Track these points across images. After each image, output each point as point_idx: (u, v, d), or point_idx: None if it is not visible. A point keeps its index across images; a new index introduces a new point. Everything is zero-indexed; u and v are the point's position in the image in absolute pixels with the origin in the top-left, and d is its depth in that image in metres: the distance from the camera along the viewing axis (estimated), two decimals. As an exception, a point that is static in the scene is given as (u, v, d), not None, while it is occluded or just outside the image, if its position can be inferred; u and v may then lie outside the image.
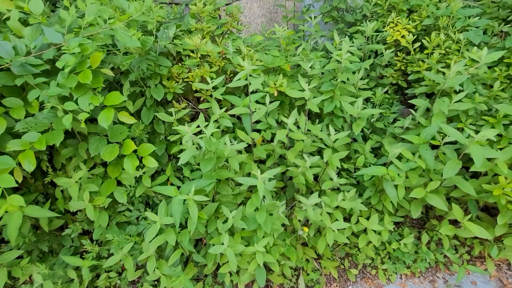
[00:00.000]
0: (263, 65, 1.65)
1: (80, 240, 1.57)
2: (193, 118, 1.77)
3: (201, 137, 1.13)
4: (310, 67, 1.64)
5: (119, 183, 1.46)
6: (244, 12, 2.34)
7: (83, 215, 1.50)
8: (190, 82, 1.53)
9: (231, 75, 1.72)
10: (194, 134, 1.27)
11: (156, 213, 1.20)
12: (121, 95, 1.16)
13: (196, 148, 1.17)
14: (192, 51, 1.54)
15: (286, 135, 1.29)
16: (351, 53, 1.76)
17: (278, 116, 1.72)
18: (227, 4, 2.21)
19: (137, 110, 1.52)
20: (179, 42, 1.52)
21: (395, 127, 1.61)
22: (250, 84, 1.33)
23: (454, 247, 1.65)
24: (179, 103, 1.55)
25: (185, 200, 1.10)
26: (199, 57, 1.51)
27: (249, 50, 1.64)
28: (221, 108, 1.44)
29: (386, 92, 2.04)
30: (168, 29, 1.53)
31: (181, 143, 1.32)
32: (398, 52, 1.96)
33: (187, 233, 1.21)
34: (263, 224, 1.10)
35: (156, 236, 1.20)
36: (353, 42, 1.87)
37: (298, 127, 1.41)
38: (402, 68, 1.98)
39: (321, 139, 1.43)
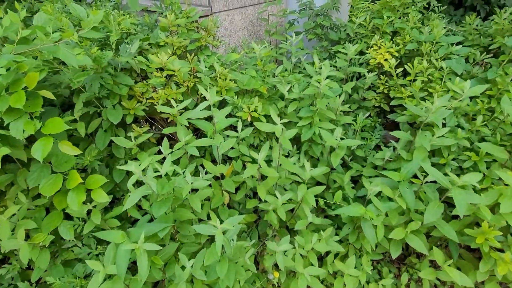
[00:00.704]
0: (237, 86, 1.52)
1: (19, 282, 1.36)
2: (160, 140, 1.60)
3: (155, 176, 0.97)
4: (287, 91, 1.52)
5: (67, 216, 1.27)
6: (221, 26, 2.21)
7: (23, 251, 1.29)
8: (155, 104, 1.37)
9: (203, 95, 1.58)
10: (158, 161, 1.12)
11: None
12: (62, 122, 0.99)
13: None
14: (159, 69, 1.39)
15: (257, 169, 1.16)
16: (333, 76, 1.66)
17: (254, 140, 1.59)
18: (204, 16, 2.07)
19: (92, 132, 1.34)
20: (142, 58, 1.36)
21: (375, 158, 1.51)
22: (213, 116, 1.19)
23: (434, 286, 1.56)
24: (142, 125, 1.39)
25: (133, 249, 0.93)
26: (165, 76, 1.36)
27: (224, 69, 1.51)
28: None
29: (369, 116, 1.96)
30: (131, 43, 1.37)
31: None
32: (381, 75, 1.89)
33: (138, 282, 1.04)
34: (225, 278, 0.95)
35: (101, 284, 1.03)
36: (336, 61, 1.78)
37: (271, 160, 1.28)
38: (385, 91, 1.90)
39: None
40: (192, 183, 1.02)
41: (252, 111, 1.43)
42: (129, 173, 1.46)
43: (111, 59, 1.31)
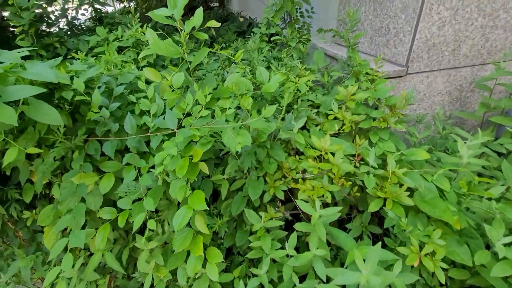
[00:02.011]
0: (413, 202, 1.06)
1: None
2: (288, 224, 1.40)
3: None
4: None
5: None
6: (416, 95, 1.71)
7: None
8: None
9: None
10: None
11: None
12: (203, 196, 0.97)
13: None
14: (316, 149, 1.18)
15: None
16: None
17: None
18: (395, 77, 1.67)
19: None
20: (301, 139, 1.18)
21: None
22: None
23: None
24: (278, 206, 1.24)
25: None
26: (319, 157, 1.12)
27: (398, 168, 1.09)
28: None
29: None
30: (298, 115, 1.23)
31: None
32: None
33: None
34: None
35: None
36: None
37: None
38: None
39: None
40: None
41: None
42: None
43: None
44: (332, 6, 2.76)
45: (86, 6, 2.50)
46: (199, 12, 1.18)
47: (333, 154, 1.09)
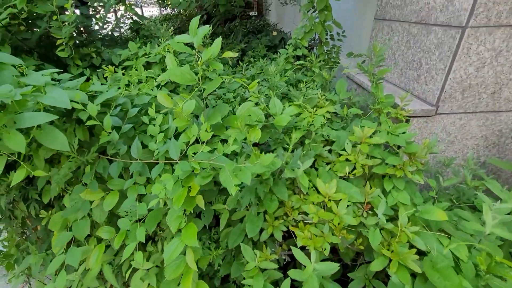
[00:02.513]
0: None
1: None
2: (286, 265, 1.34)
3: None
4: None
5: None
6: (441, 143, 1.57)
7: None
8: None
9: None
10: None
11: None
12: (195, 231, 0.95)
13: None
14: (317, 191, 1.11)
15: None
16: None
17: None
18: (422, 117, 1.54)
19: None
20: (305, 180, 1.12)
21: None
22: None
23: None
24: (276, 246, 1.19)
25: None
26: (321, 206, 1.05)
27: (408, 226, 0.99)
28: None
29: None
30: (308, 153, 1.18)
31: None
32: None
33: None
34: None
35: None
36: None
37: None
38: None
39: None
40: None
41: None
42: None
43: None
44: (365, 31, 2.66)
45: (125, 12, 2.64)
46: (217, 42, 1.18)
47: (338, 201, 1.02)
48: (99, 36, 2.44)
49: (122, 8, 2.66)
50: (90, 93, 1.21)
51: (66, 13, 1.69)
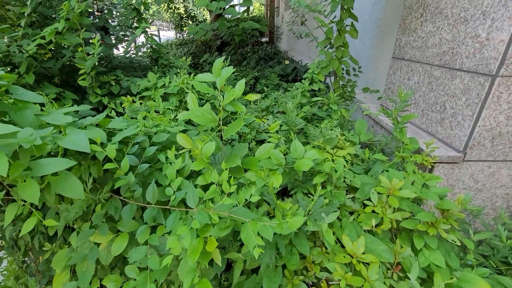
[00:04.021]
0: None
1: None
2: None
3: None
4: None
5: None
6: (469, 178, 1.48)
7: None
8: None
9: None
10: None
11: None
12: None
13: None
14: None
15: None
16: None
17: None
18: (448, 163, 1.46)
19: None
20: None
21: None
22: None
23: None
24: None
25: None
26: (348, 266, 0.95)
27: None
28: None
29: None
30: (330, 204, 1.10)
31: None
32: None
33: None
34: None
35: None
36: None
37: None
38: None
39: None
40: None
41: None
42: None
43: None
44: (381, 66, 2.66)
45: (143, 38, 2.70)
46: (241, 84, 1.16)
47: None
48: (119, 63, 2.49)
49: (141, 35, 2.74)
50: (109, 129, 1.18)
51: (91, 44, 1.72)
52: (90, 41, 1.66)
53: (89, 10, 2.00)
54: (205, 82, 1.26)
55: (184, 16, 8.40)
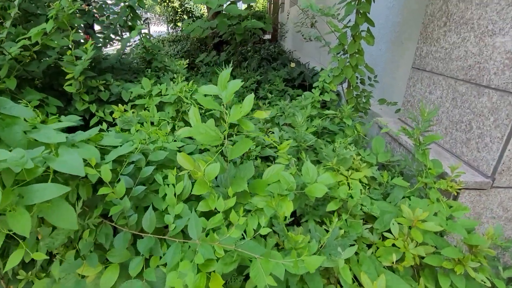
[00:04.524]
0: None
1: None
2: None
3: None
4: None
5: None
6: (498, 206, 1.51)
7: None
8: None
9: None
10: None
11: None
12: None
13: None
14: None
15: None
16: None
17: None
18: (475, 189, 1.48)
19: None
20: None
21: None
22: None
23: None
24: None
25: None
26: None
27: None
28: None
29: None
30: (346, 237, 1.11)
31: None
32: None
33: None
34: None
35: None
36: None
37: None
38: None
39: None
40: None
41: None
42: None
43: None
44: (399, 76, 2.72)
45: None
46: (250, 99, 1.19)
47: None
48: (109, 65, 2.52)
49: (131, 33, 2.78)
50: (101, 146, 1.19)
51: (80, 46, 1.76)
52: (84, 46, 1.69)
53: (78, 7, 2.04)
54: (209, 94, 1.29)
55: (179, 10, 8.52)
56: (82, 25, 2.50)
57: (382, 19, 2.98)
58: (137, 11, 2.39)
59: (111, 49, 3.51)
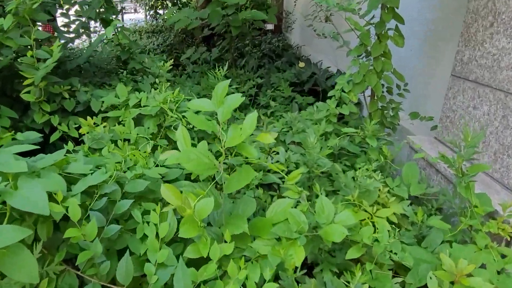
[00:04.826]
0: None
1: None
2: None
3: None
4: None
5: None
6: None
7: None
8: None
9: None
10: None
11: None
12: None
13: None
14: None
15: None
16: None
17: None
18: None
19: None
20: None
21: None
22: None
23: None
24: None
25: None
26: None
27: None
28: None
29: None
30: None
31: None
32: None
33: None
34: None
35: None
36: None
37: None
38: None
39: None
40: None
41: None
42: None
43: None
44: (433, 84, 2.78)
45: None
46: (252, 119, 1.22)
47: None
48: (76, 65, 2.57)
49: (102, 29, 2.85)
50: (67, 173, 1.22)
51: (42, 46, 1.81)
52: (53, 48, 1.74)
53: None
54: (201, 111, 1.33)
55: (161, -4, 8.73)
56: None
57: (415, 13, 3.06)
58: (112, 1, 2.47)
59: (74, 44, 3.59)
